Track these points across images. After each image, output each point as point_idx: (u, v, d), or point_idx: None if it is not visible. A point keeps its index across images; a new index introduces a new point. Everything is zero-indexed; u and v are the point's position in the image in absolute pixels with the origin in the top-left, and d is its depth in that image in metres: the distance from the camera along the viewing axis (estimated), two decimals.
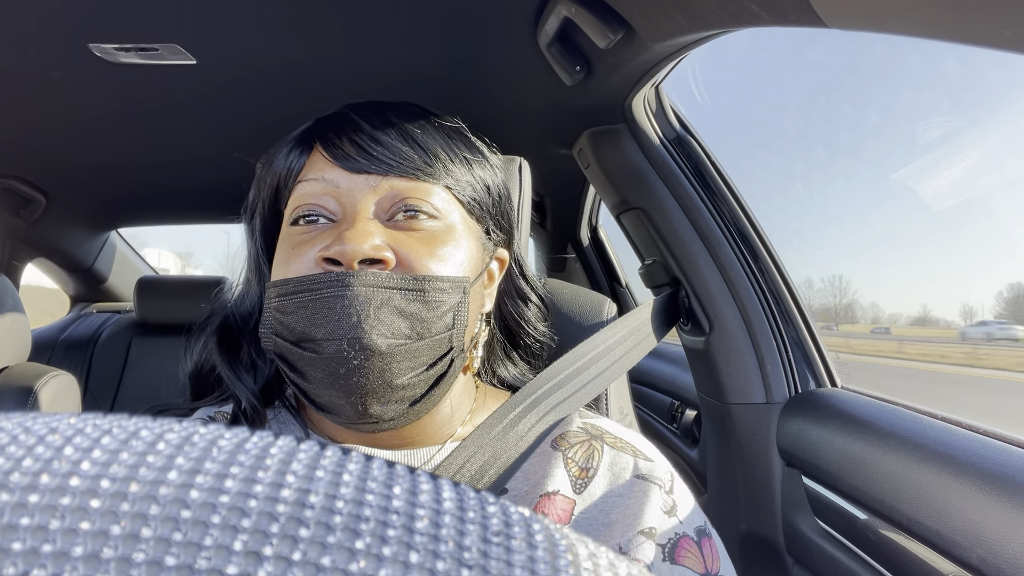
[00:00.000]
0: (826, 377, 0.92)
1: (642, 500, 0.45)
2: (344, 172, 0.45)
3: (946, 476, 0.61)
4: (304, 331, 0.41)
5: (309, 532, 0.10)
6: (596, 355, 0.64)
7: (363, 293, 0.40)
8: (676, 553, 0.43)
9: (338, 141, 0.45)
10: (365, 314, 0.40)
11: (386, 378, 0.41)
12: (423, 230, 0.45)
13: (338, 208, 0.45)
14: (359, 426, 0.43)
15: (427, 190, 0.45)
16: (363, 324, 0.40)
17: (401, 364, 0.42)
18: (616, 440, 0.50)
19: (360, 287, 0.40)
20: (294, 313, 0.42)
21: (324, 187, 0.45)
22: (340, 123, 0.47)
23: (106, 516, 0.10)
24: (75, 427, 0.12)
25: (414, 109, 0.50)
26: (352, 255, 0.41)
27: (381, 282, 0.41)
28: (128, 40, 0.82)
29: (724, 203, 0.96)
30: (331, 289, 0.40)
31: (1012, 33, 0.37)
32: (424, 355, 0.43)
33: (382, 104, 0.50)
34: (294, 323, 0.42)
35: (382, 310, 0.41)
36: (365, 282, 0.40)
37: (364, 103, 0.50)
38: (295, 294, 0.42)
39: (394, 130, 0.46)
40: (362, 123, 0.46)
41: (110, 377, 1.70)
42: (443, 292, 0.43)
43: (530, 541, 0.11)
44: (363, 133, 0.45)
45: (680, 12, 0.62)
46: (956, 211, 62.11)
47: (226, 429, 0.12)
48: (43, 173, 1.44)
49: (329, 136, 0.46)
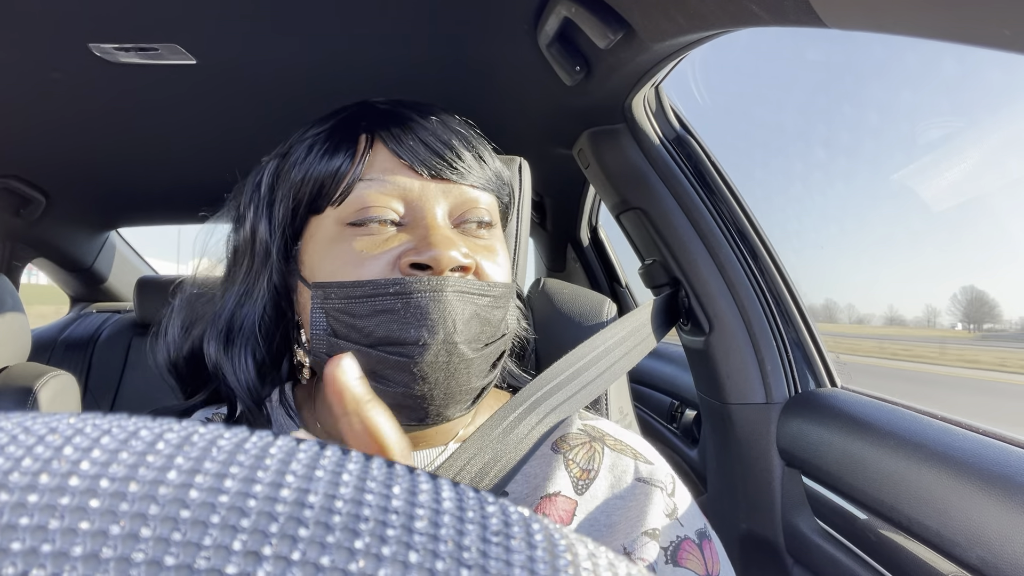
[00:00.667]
0: (826, 377, 0.92)
1: (644, 503, 0.46)
2: (417, 176, 0.44)
3: (946, 476, 0.61)
4: (387, 334, 0.41)
5: (308, 532, 0.10)
6: (596, 356, 0.64)
7: (455, 299, 0.41)
8: (678, 555, 0.44)
9: (407, 141, 0.44)
10: (460, 319, 0.41)
11: (469, 381, 0.43)
12: (485, 239, 0.46)
13: (407, 212, 0.44)
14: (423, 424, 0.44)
15: (487, 200, 0.47)
16: (457, 330, 0.41)
17: (480, 367, 0.43)
18: (616, 442, 0.51)
19: (452, 293, 0.41)
20: (372, 316, 0.41)
21: (395, 189, 0.44)
22: (400, 121, 0.46)
23: (105, 516, 0.10)
24: (74, 427, 0.12)
25: (447, 112, 0.49)
26: (447, 262, 0.41)
27: (470, 289, 0.42)
28: (128, 40, 0.82)
29: (724, 203, 0.96)
30: (425, 295, 0.41)
31: (1012, 33, 0.37)
32: (491, 359, 0.45)
33: (431, 106, 0.49)
34: (371, 326, 0.41)
35: (470, 315, 0.42)
36: (458, 288, 0.41)
37: (412, 101, 0.49)
38: (374, 296, 0.41)
39: (455, 136, 0.46)
40: (428, 125, 0.45)
41: (110, 377, 1.71)
42: (506, 299, 0.46)
43: (529, 541, 0.11)
44: (431, 135, 0.45)
45: (680, 12, 0.62)
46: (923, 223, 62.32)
47: (225, 429, 0.12)
48: (43, 173, 1.44)
49: (395, 134, 0.45)
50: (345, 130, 0.46)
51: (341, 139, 0.46)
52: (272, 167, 0.50)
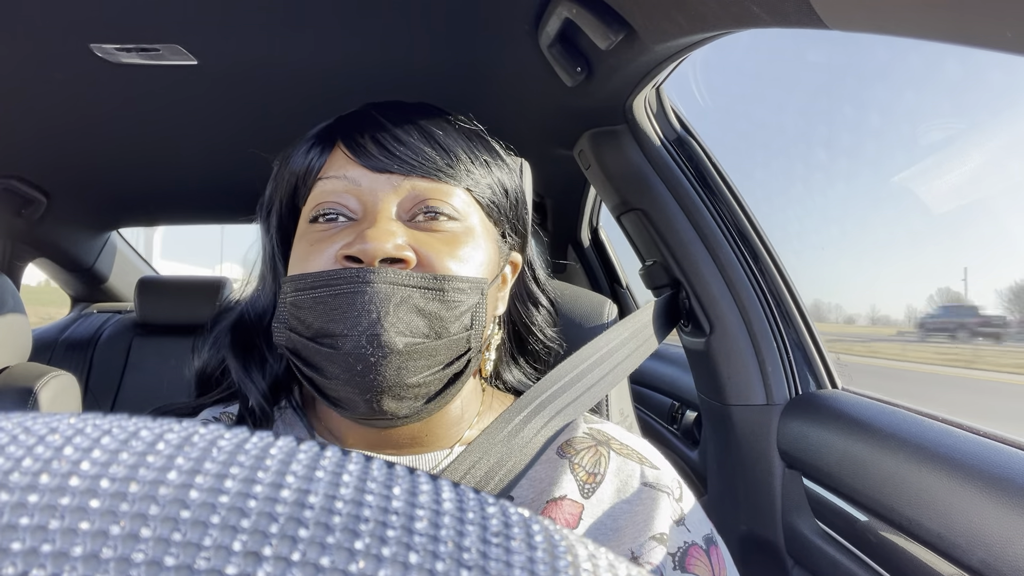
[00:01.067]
0: (827, 378, 0.92)
1: (651, 508, 0.45)
2: (366, 171, 0.45)
3: (947, 478, 0.61)
4: (322, 326, 0.41)
5: (308, 532, 0.10)
6: (599, 358, 0.64)
7: (383, 290, 0.40)
8: (686, 561, 0.44)
9: (361, 139, 0.45)
10: (384, 311, 0.40)
11: (402, 376, 0.41)
12: (443, 231, 0.45)
13: (359, 207, 0.45)
14: (372, 422, 0.43)
15: (448, 191, 0.46)
16: (382, 321, 0.40)
17: (418, 362, 0.42)
18: (622, 447, 0.50)
19: (380, 284, 0.40)
20: (311, 309, 0.42)
21: (345, 185, 0.45)
22: (362, 122, 0.47)
23: (105, 516, 0.10)
24: (75, 427, 0.12)
25: (434, 110, 0.50)
26: (374, 253, 0.41)
27: (401, 280, 0.41)
28: (129, 40, 0.82)
29: (725, 204, 0.96)
30: (351, 285, 0.40)
31: (1014, 35, 0.37)
32: (441, 354, 0.43)
33: (403, 104, 0.50)
34: (311, 319, 0.42)
35: (401, 308, 0.41)
36: (385, 279, 0.41)
37: (386, 103, 0.50)
38: (313, 289, 0.42)
39: (416, 130, 0.46)
40: (384, 122, 0.46)
41: (110, 377, 1.71)
42: (462, 292, 0.43)
43: (529, 542, 0.11)
44: (386, 132, 0.45)
45: (681, 13, 0.62)
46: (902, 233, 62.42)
47: (226, 429, 0.12)
48: (44, 173, 1.44)
49: (352, 134, 0.46)
50: (323, 133, 0.49)
51: (316, 141, 0.48)
52: (276, 169, 0.52)
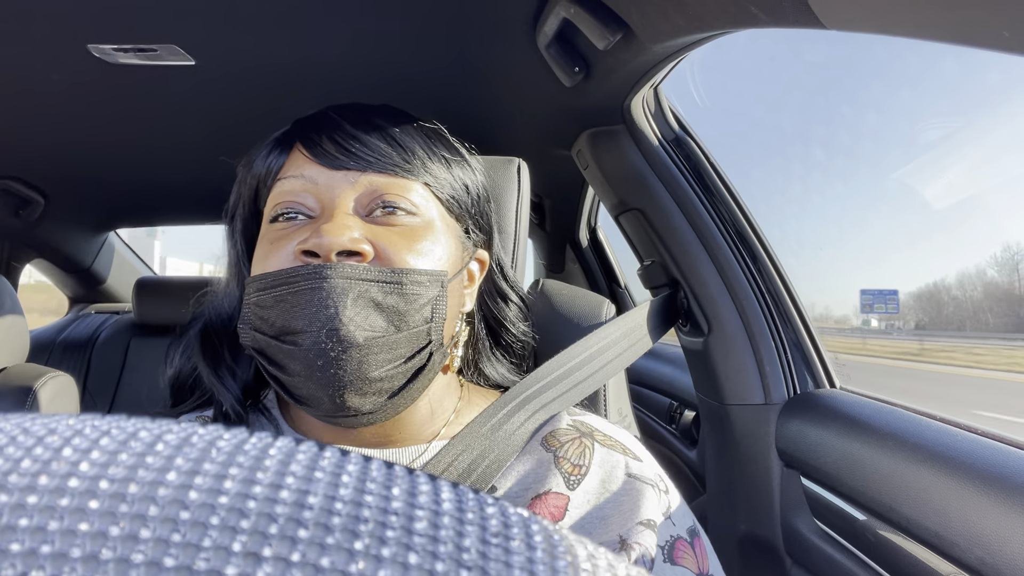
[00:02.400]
0: (825, 378, 0.92)
1: (637, 498, 0.46)
2: (323, 168, 0.45)
3: (945, 477, 0.61)
4: (283, 324, 0.41)
5: (308, 533, 0.10)
6: (589, 356, 0.64)
7: (340, 284, 0.40)
8: (674, 554, 0.44)
9: (317, 139, 0.46)
10: (342, 305, 0.40)
11: (363, 370, 0.41)
12: (401, 225, 0.45)
13: (317, 204, 0.45)
14: (338, 419, 0.43)
15: (405, 186, 0.46)
16: (340, 315, 0.40)
17: (378, 356, 0.41)
18: (606, 438, 0.51)
19: (337, 279, 0.40)
20: (273, 307, 0.42)
21: (303, 184, 0.45)
22: (320, 122, 0.48)
23: (105, 517, 0.10)
24: (74, 428, 0.12)
25: (394, 111, 0.50)
26: (329, 247, 0.41)
27: (358, 274, 0.41)
28: (127, 41, 0.82)
29: (723, 204, 0.96)
30: (308, 281, 0.41)
31: (1012, 35, 0.37)
32: (402, 347, 0.43)
33: (363, 105, 0.50)
34: (273, 317, 0.42)
35: (359, 302, 0.41)
36: (342, 274, 0.41)
37: (346, 104, 0.51)
38: (273, 288, 0.42)
39: (373, 129, 0.47)
40: (342, 122, 0.47)
41: (108, 378, 1.70)
42: (421, 285, 0.43)
43: (529, 542, 0.11)
44: (342, 131, 0.46)
45: (679, 13, 0.62)
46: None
47: (225, 430, 0.12)
48: (42, 174, 1.44)
49: (309, 134, 0.47)
50: (283, 136, 0.49)
51: (275, 144, 0.49)
52: (238, 177, 0.53)
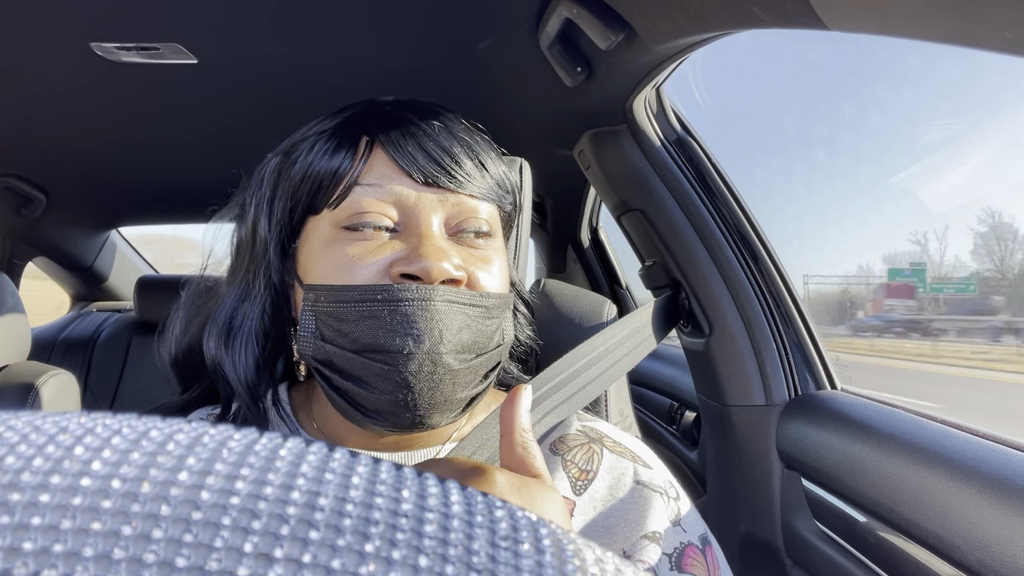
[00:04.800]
0: (826, 379, 0.92)
1: (644, 507, 0.46)
2: (413, 183, 0.43)
3: (946, 479, 0.61)
4: (372, 341, 0.41)
5: (319, 534, 0.10)
6: (596, 356, 0.64)
7: (444, 309, 0.41)
8: (683, 561, 0.44)
9: (406, 147, 0.44)
10: (446, 330, 0.41)
11: (455, 392, 0.42)
12: (482, 249, 0.46)
13: (402, 219, 0.44)
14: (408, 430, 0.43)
15: (486, 209, 0.46)
16: (444, 341, 0.40)
17: (467, 379, 0.43)
18: (616, 444, 0.51)
19: (441, 303, 0.41)
20: (358, 322, 0.41)
21: (391, 196, 0.43)
22: (398, 124, 0.45)
23: (117, 516, 0.10)
24: (85, 427, 0.12)
25: (454, 115, 0.48)
26: (437, 273, 0.41)
27: (461, 299, 0.42)
28: (129, 39, 0.82)
29: (724, 205, 0.96)
30: (413, 304, 0.40)
31: (1013, 36, 0.37)
32: (482, 369, 0.44)
33: (431, 106, 0.48)
34: (357, 331, 0.41)
35: (459, 325, 0.41)
36: (447, 298, 0.41)
37: (411, 102, 0.48)
38: (362, 302, 0.41)
39: (456, 142, 0.45)
40: (426, 128, 0.45)
41: (110, 376, 1.70)
42: (500, 310, 0.45)
43: (538, 546, 0.11)
44: (431, 142, 0.44)
45: (681, 14, 0.62)
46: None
47: (236, 430, 0.12)
48: (44, 172, 1.44)
49: (393, 139, 0.44)
50: (347, 131, 0.46)
51: (342, 140, 0.45)
52: (274, 163, 0.49)
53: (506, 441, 0.37)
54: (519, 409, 0.37)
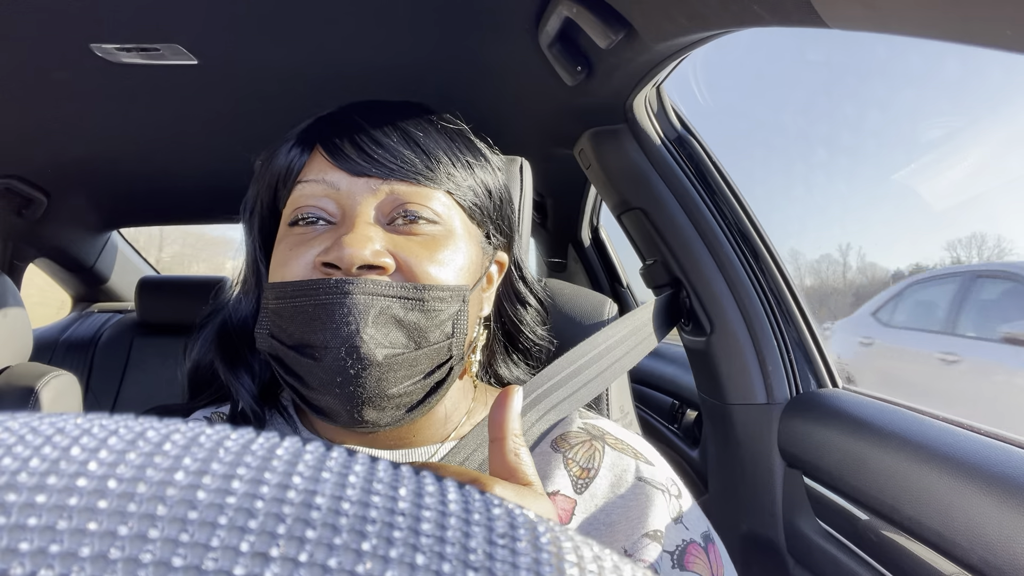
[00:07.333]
0: (827, 377, 0.92)
1: (646, 504, 0.45)
2: (344, 174, 0.44)
3: (948, 477, 0.61)
4: (302, 336, 0.41)
5: (316, 533, 0.10)
6: (597, 354, 0.64)
7: (361, 301, 0.40)
8: (685, 559, 0.44)
9: (339, 142, 0.45)
10: (363, 323, 0.39)
11: (382, 387, 0.41)
12: (423, 235, 0.44)
13: (337, 210, 0.44)
14: (354, 430, 0.43)
15: (428, 195, 0.45)
16: (361, 333, 0.39)
17: (398, 373, 0.41)
18: (617, 441, 0.50)
19: (359, 295, 0.40)
20: (291, 318, 0.41)
21: (324, 189, 0.44)
22: (341, 123, 0.46)
23: (113, 517, 0.10)
24: (82, 427, 0.12)
25: (416, 110, 0.49)
26: (351, 260, 0.40)
27: (380, 290, 0.40)
28: (130, 40, 0.82)
29: (725, 203, 0.96)
30: (329, 296, 0.40)
31: (1014, 33, 0.37)
32: (422, 364, 0.42)
33: (384, 104, 0.49)
34: (292, 327, 0.42)
35: (380, 319, 0.40)
36: (364, 290, 0.40)
37: (366, 102, 0.49)
38: (292, 298, 0.41)
39: (396, 132, 0.45)
40: (364, 124, 0.45)
41: (111, 377, 1.71)
42: (442, 301, 0.43)
43: (535, 544, 0.11)
44: (364, 135, 0.45)
45: (681, 12, 0.62)
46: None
47: (232, 430, 0.12)
48: (45, 173, 1.44)
49: (330, 136, 0.45)
50: (299, 135, 0.48)
51: (293, 144, 0.48)
52: (256, 172, 0.52)
53: (496, 447, 0.34)
54: (510, 413, 0.35)
